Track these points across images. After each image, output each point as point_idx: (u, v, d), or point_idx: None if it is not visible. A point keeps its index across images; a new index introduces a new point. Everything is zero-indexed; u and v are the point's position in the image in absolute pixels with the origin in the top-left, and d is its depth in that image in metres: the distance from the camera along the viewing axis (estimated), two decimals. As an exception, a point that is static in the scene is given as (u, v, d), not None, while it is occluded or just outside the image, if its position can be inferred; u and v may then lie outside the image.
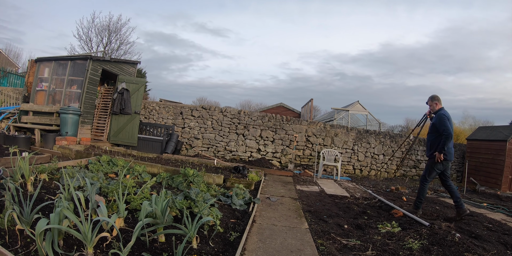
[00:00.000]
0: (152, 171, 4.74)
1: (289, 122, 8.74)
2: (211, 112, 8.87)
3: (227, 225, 2.75)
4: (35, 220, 1.97)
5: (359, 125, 15.91)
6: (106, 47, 16.79)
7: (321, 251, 2.43)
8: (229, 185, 4.47)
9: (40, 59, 7.24)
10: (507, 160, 7.29)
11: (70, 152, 5.60)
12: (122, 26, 17.01)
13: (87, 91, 6.84)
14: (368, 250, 2.54)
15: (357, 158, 8.71)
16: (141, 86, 7.73)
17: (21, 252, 1.72)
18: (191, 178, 3.99)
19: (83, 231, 1.75)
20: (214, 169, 5.46)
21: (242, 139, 8.71)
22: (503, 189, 7.21)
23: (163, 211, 2.22)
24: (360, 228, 3.27)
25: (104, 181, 3.37)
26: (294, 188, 5.29)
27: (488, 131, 8.44)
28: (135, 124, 7.56)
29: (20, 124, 6.84)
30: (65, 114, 6.19)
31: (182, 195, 3.19)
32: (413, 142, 8.72)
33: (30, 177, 2.96)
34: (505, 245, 2.92)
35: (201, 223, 2.11)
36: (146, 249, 1.99)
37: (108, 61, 7.44)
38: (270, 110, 18.62)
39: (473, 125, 16.20)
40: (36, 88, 7.11)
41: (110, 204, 2.52)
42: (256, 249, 2.33)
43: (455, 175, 8.98)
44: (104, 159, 4.71)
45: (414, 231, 3.07)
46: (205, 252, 2.08)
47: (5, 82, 13.13)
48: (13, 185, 2.22)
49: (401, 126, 28.36)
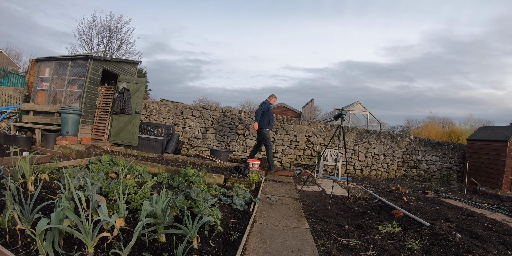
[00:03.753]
0: (152, 171, 4.74)
1: (290, 122, 8.74)
2: (212, 112, 8.87)
3: (228, 225, 2.75)
4: (36, 220, 1.98)
5: (359, 125, 15.89)
6: (107, 47, 16.80)
7: (321, 251, 2.43)
8: (230, 185, 4.47)
9: (40, 58, 7.24)
10: (508, 160, 7.28)
11: (70, 151, 5.60)
12: (123, 26, 17.03)
13: (87, 91, 6.84)
14: (368, 250, 2.54)
15: (358, 158, 8.70)
16: (141, 86, 7.73)
17: (21, 252, 1.72)
18: (191, 178, 3.99)
19: (84, 230, 1.75)
20: (215, 169, 5.46)
21: (242, 139, 8.70)
22: (503, 190, 7.20)
23: (164, 211, 2.22)
24: (360, 228, 3.27)
25: (104, 181, 3.37)
26: (295, 188, 5.29)
27: (489, 131, 8.43)
28: (136, 124, 7.56)
29: (20, 123, 6.85)
30: (66, 114, 6.19)
31: (183, 195, 3.19)
32: (414, 142, 8.72)
33: (30, 177, 2.96)
34: (505, 246, 2.91)
35: (201, 223, 2.11)
36: (147, 249, 1.99)
37: (109, 61, 7.44)
38: (271, 110, 18.59)
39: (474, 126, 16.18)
40: (37, 87, 7.11)
41: (111, 204, 2.52)
42: (256, 249, 2.33)
43: (455, 176, 8.96)
44: (105, 159, 4.71)
45: (414, 231, 3.06)
46: (206, 252, 2.07)
47: (6, 82, 13.16)
48: (14, 185, 2.22)
49: (402, 126, 28.37)
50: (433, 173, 8.90)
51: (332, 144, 8.65)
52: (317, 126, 8.75)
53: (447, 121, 19.82)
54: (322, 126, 8.77)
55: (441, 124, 18.58)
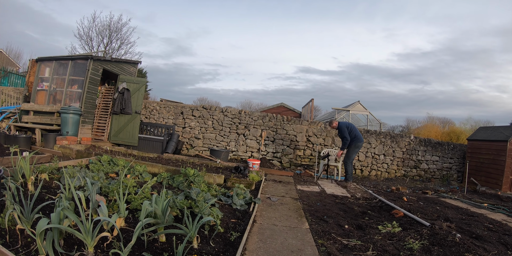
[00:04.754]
0: (152, 171, 4.74)
1: (290, 122, 8.74)
2: (212, 112, 8.87)
3: (228, 225, 2.75)
4: (36, 220, 1.97)
5: (359, 125, 15.89)
6: (107, 47, 16.79)
7: (321, 251, 2.43)
8: (230, 185, 4.47)
9: (40, 58, 7.24)
10: (508, 160, 7.28)
11: (70, 151, 5.60)
12: (123, 26, 17.02)
13: (87, 91, 6.84)
14: (368, 250, 2.54)
15: (358, 158, 8.69)
16: (141, 86, 7.73)
17: (21, 252, 1.72)
18: (191, 178, 3.99)
19: (84, 230, 1.75)
20: (215, 169, 5.46)
21: (242, 139, 8.71)
22: (503, 190, 7.20)
23: (164, 211, 2.22)
24: (360, 228, 3.27)
25: (104, 181, 3.37)
26: (295, 188, 5.28)
27: (489, 131, 8.43)
28: (136, 124, 7.56)
29: (21, 123, 6.85)
30: (66, 113, 6.19)
31: (183, 195, 3.19)
32: (414, 142, 8.72)
33: (30, 177, 2.96)
34: (505, 246, 2.91)
35: (201, 223, 2.11)
36: (147, 249, 1.99)
37: (109, 61, 7.44)
38: (271, 110, 18.63)
39: (474, 126, 16.17)
40: (37, 87, 7.11)
41: (111, 204, 2.52)
42: (256, 249, 2.33)
43: (455, 175, 8.97)
44: (105, 158, 4.71)
45: (414, 231, 3.06)
46: (206, 252, 2.07)
47: (6, 82, 13.15)
48: (14, 185, 2.22)
49: (402, 126, 28.37)
50: (433, 173, 8.90)
51: (332, 144, 8.65)
52: (317, 126, 8.75)
53: (447, 121, 19.84)
54: (322, 126, 8.76)
55: (441, 124, 18.60)
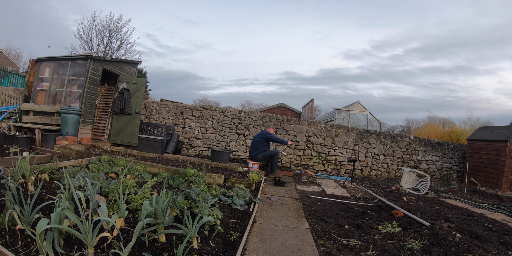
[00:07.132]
0: (152, 171, 4.74)
1: (290, 122, 8.74)
2: (212, 112, 8.87)
3: (228, 225, 2.75)
4: (36, 220, 1.97)
5: (359, 125, 15.89)
6: (107, 47, 16.79)
7: (321, 251, 2.43)
8: (230, 185, 4.47)
9: (40, 59, 7.24)
10: (508, 160, 7.28)
11: (70, 152, 5.60)
12: (122, 26, 17.01)
13: (87, 91, 6.84)
14: (368, 250, 2.54)
15: (358, 158, 8.69)
16: (141, 86, 7.73)
17: (21, 252, 1.72)
18: (191, 178, 3.99)
19: (84, 231, 1.75)
20: (215, 169, 5.46)
21: (242, 139, 8.70)
22: (503, 190, 7.20)
23: (164, 211, 2.22)
24: (360, 228, 3.27)
25: (104, 181, 3.37)
26: (295, 188, 5.28)
27: (489, 131, 8.43)
28: (136, 124, 7.56)
29: (20, 124, 6.84)
30: (66, 114, 6.19)
31: (183, 195, 3.18)
32: (414, 142, 8.72)
33: (30, 177, 2.96)
34: (505, 246, 2.91)
35: (201, 223, 2.11)
36: (147, 249, 1.99)
37: (108, 61, 7.44)
38: (271, 110, 18.63)
39: (473, 126, 16.16)
40: (36, 88, 7.11)
41: (111, 204, 2.52)
42: (256, 249, 2.33)
43: (455, 175, 8.97)
44: (105, 159, 4.71)
45: (414, 231, 3.06)
46: (206, 252, 2.07)
47: (6, 82, 13.14)
48: (14, 185, 2.22)
49: (402, 126, 28.37)
50: (433, 173, 8.90)
51: (332, 144, 8.65)
52: (317, 126, 8.75)
53: (447, 121, 19.80)
54: (322, 126, 8.76)
55: (441, 124, 18.56)
